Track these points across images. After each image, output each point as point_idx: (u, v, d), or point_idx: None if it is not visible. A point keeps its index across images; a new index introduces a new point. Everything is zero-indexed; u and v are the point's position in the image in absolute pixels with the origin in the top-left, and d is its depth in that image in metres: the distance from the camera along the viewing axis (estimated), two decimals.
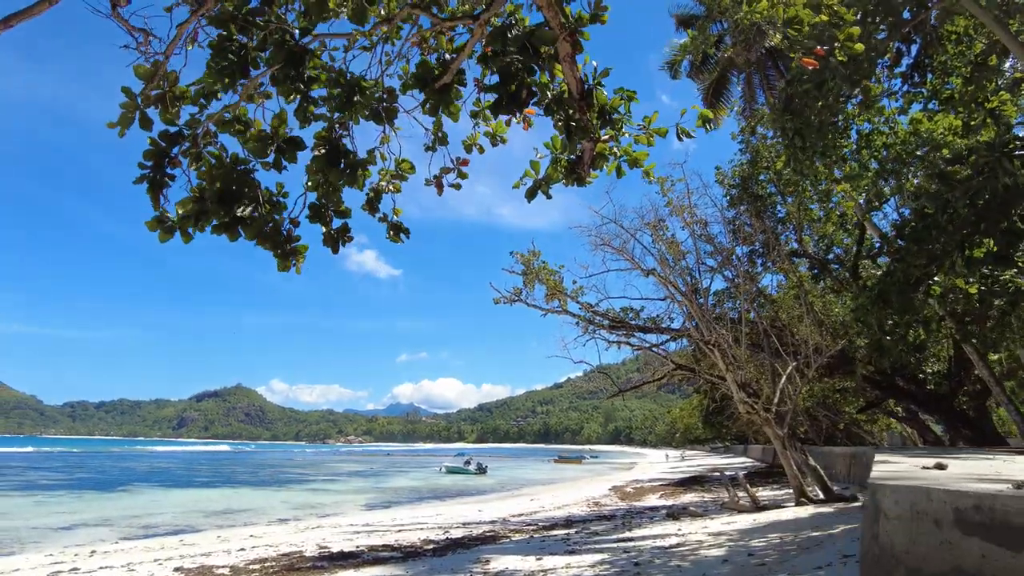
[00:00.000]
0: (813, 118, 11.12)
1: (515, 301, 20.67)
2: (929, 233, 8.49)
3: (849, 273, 21.95)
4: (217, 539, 17.08)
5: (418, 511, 25.16)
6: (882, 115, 14.55)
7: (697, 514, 16.57)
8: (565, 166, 5.60)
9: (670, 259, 19.37)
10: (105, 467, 65.56)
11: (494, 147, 5.96)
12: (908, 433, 32.18)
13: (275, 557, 12.62)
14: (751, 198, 20.10)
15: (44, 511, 25.41)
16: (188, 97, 4.83)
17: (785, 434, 17.57)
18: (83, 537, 18.65)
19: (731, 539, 10.80)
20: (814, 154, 11.24)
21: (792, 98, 10.61)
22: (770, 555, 8.59)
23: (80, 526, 21.22)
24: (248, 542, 15.68)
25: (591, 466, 77.80)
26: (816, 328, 18.61)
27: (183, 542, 16.49)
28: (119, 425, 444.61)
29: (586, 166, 5.48)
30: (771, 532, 11.13)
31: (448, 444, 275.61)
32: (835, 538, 9.26)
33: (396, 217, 5.92)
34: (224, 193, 5.18)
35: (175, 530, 20.21)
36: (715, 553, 9.43)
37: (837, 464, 24.56)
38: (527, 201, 6.29)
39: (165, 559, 13.01)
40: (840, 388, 26.86)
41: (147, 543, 16.59)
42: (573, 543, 12.11)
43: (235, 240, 5.34)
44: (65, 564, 13.05)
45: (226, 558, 12.97)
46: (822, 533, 10.08)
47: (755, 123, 21.01)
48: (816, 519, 12.62)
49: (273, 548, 14.22)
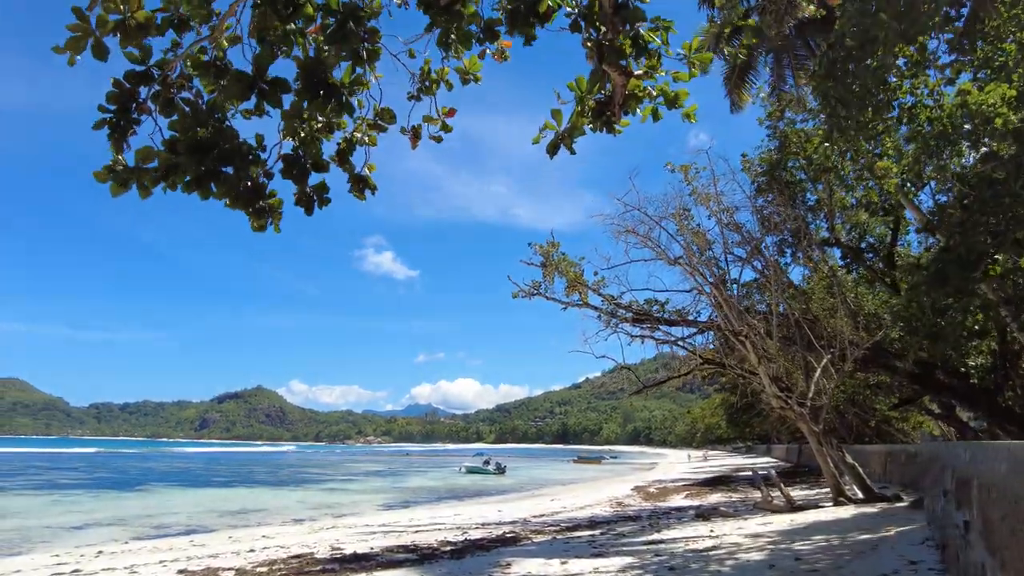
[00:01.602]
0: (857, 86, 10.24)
1: (534, 295, 19.89)
2: (999, 202, 7.57)
3: (884, 263, 20.90)
4: (228, 539, 16.54)
5: (436, 511, 24.50)
6: (927, 87, 13.57)
7: (728, 514, 15.70)
8: (592, 108, 4.83)
9: (696, 249, 18.51)
10: (127, 467, 65.88)
11: (464, 85, 5.18)
12: (944, 431, 30.86)
13: (284, 559, 11.99)
14: (780, 185, 19.13)
15: (58, 510, 25.16)
16: (154, 26, 4.14)
17: (820, 430, 16.62)
18: (94, 537, 18.23)
19: (771, 541, 9.95)
20: (857, 126, 10.36)
21: (835, 62, 9.73)
22: (820, 560, 7.75)
23: (93, 526, 20.85)
24: (259, 543, 15.10)
25: (611, 466, 76.76)
26: (851, 320, 17.62)
27: (193, 542, 15.96)
28: (142, 426, 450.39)
29: (617, 106, 4.71)
30: (814, 534, 10.26)
31: (467, 444, 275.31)
32: (891, 542, 8.38)
33: (368, 172, 5.18)
34: (198, 144, 4.52)
35: (187, 530, 19.74)
36: (756, 557, 8.60)
37: (871, 462, 23.50)
38: (549, 157, 5.54)
39: (171, 560, 12.44)
40: (874, 384, 25.69)
41: (157, 543, 16.09)
42: (599, 545, 11.33)
43: (207, 198, 4.68)
44: (68, 565, 12.54)
45: (234, 559, 12.37)
46: (874, 536, 9.20)
47: (784, 106, 20.04)
48: (860, 520, 11.71)
49: (284, 549, 13.61)
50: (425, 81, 5.26)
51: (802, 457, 46.19)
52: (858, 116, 10.62)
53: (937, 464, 7.41)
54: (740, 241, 19.63)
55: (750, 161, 20.70)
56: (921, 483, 16.28)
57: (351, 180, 5.16)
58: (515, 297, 20.04)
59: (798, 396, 16.81)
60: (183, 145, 4.53)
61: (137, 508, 26.17)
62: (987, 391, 20.45)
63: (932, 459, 7.97)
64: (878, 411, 30.56)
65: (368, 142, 5.33)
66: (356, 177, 5.13)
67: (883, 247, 21.13)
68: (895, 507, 13.44)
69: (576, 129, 5.45)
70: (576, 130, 5.45)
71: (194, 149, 4.61)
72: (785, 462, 51.18)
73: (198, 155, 4.62)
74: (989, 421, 22.54)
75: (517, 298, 20.02)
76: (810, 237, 20.15)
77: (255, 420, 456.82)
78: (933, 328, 9.49)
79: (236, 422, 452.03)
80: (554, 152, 5.50)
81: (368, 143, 5.34)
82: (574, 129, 5.45)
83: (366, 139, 5.29)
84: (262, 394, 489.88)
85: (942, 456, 6.86)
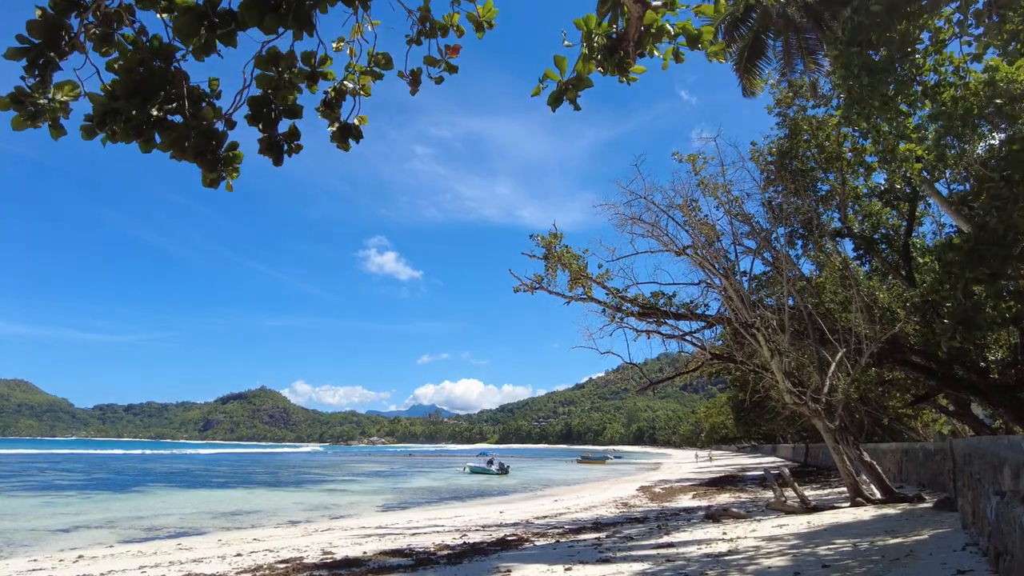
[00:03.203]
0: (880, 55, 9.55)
1: (536, 288, 19.21)
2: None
3: (898, 254, 20.17)
4: (218, 543, 15.87)
5: (436, 512, 23.82)
6: (951, 63, 12.84)
7: (740, 516, 14.98)
8: (603, 46, 4.14)
9: (703, 240, 17.80)
10: (127, 468, 65.32)
11: (479, 34, 4.51)
12: (958, 429, 30.05)
13: (271, 564, 11.32)
14: (791, 174, 18.41)
15: (48, 512, 24.50)
16: None
17: (836, 427, 15.91)
18: (80, 540, 17.56)
19: (791, 545, 9.24)
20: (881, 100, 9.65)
21: (860, 28, 9.04)
22: (851, 567, 7.04)
23: (81, 528, 20.18)
24: (248, 546, 14.43)
25: (615, 466, 75.97)
26: (865, 313, 16.89)
27: (180, 546, 15.30)
28: (147, 428, 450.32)
29: (631, 44, 4.02)
30: (837, 537, 9.55)
31: (471, 445, 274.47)
32: (927, 547, 7.66)
33: (358, 124, 4.50)
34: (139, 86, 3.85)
35: (177, 533, 19.06)
36: (779, 563, 7.89)
37: (886, 461, 22.77)
38: (551, 110, 4.87)
39: (152, 566, 11.77)
40: (888, 379, 24.93)
41: (142, 547, 15.41)
42: (605, 549, 10.63)
43: (149, 151, 4.02)
44: (43, 571, 11.89)
45: (218, 565, 11.70)
46: (905, 540, 8.48)
47: (795, 92, 19.33)
48: (884, 522, 11.00)
49: (273, 553, 12.94)
50: (426, 24, 4.59)
51: (809, 456, 45.45)
52: (882, 87, 9.92)
53: (980, 461, 6.69)
54: (750, 232, 18.94)
55: (760, 150, 19.99)
56: (943, 482, 15.56)
57: (337, 129, 4.48)
58: (516, 291, 19.36)
59: (812, 391, 16.10)
60: (122, 87, 3.87)
61: (129, 510, 25.49)
62: (1007, 386, 19.70)
63: (971, 456, 7.24)
64: (890, 408, 29.79)
65: (362, 92, 4.66)
66: (343, 126, 4.45)
67: (897, 238, 20.40)
68: (918, 508, 12.70)
69: (582, 80, 4.78)
70: (582, 81, 4.78)
71: (135, 92, 3.96)
72: (792, 461, 50.42)
73: (139, 99, 3.97)
74: (1008, 418, 21.78)
75: (519, 292, 19.36)
76: (822, 228, 19.45)
77: (259, 421, 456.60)
78: (965, 314, 8.75)
79: (240, 423, 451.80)
80: (556, 104, 4.83)
81: (362, 93, 4.66)
82: (580, 80, 4.78)
83: (360, 89, 4.62)
84: (266, 395, 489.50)
85: (988, 452, 6.14)
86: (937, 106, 13.19)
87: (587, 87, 4.82)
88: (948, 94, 13.12)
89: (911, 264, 19.49)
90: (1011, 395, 19.60)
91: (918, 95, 12.68)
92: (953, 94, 13.09)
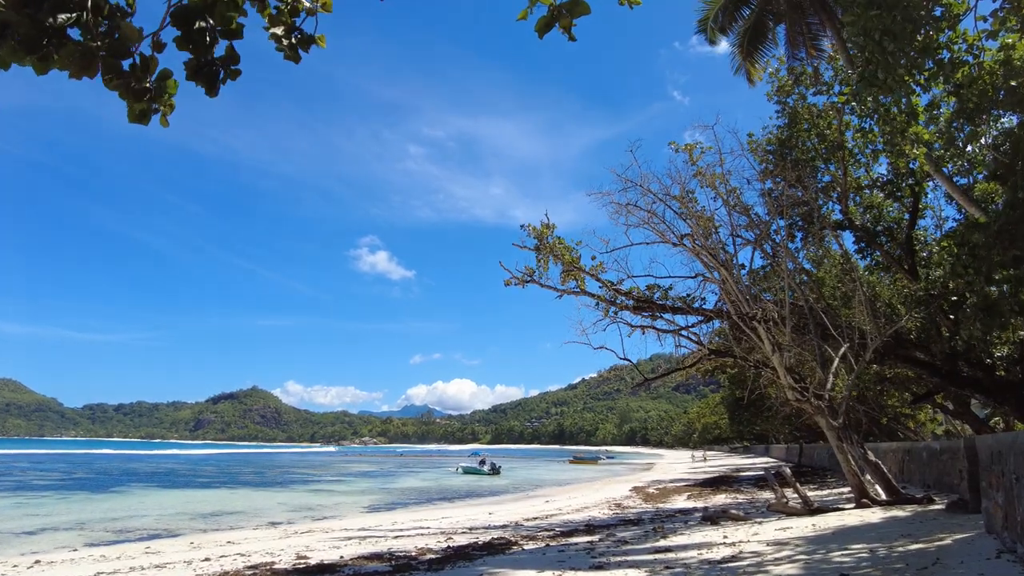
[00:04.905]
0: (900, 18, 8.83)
1: (527, 282, 18.46)
2: None
3: (901, 248, 19.50)
4: (189, 545, 15.02)
5: (423, 514, 23.01)
6: (965, 41, 12.16)
7: (740, 518, 14.27)
8: None
9: (701, 231, 17.08)
10: (110, 468, 64.08)
11: None
12: (958, 428, 29.49)
13: (238, 571, 10.49)
14: (790, 164, 17.73)
15: (19, 513, 23.52)
16: None
17: (840, 425, 15.22)
18: (45, 543, 16.67)
19: (801, 551, 8.50)
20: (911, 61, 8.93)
21: None
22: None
23: (49, 530, 19.25)
24: (220, 550, 13.59)
25: (608, 466, 75.29)
26: (868, 307, 16.23)
27: (148, 550, 14.42)
28: (137, 427, 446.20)
29: None
30: (849, 542, 8.82)
31: (463, 445, 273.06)
32: (954, 553, 6.93)
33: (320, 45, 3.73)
34: None
35: (149, 535, 18.16)
36: (789, 571, 7.15)
37: (887, 461, 22.11)
38: (538, 36, 4.15)
39: (109, 572, 10.93)
40: (887, 377, 24.29)
41: (107, 551, 14.53)
42: (599, 554, 9.86)
43: (45, 72, 3.29)
44: None
45: (182, 571, 10.87)
46: (927, 546, 7.75)
47: (796, 78, 18.65)
48: (896, 526, 10.28)
49: (244, 558, 12.12)
50: None
51: (803, 456, 44.87)
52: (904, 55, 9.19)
53: (1017, 458, 5.96)
54: (748, 224, 18.24)
55: (758, 142, 19.29)
56: (951, 482, 14.88)
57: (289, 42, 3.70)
58: (507, 285, 18.60)
59: (815, 388, 15.42)
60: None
61: (103, 511, 24.53)
62: (1013, 384, 19.08)
63: (1002, 453, 6.52)
64: (890, 407, 29.19)
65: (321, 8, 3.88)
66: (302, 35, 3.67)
67: (899, 231, 19.74)
68: (930, 510, 12.01)
69: (578, 4, 4.08)
70: (578, 5, 4.08)
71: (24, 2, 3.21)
72: (786, 462, 49.82)
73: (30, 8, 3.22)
74: (1013, 416, 21.20)
75: (509, 285, 18.61)
76: (822, 219, 18.77)
77: (250, 421, 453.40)
78: (987, 300, 8.05)
79: (231, 423, 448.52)
80: (545, 31, 4.12)
81: (321, 9, 3.89)
82: (576, 3, 4.07)
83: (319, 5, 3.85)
84: (257, 395, 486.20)
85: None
86: (951, 85, 12.50)
87: (584, 13, 4.12)
88: (962, 71, 12.42)
89: (914, 258, 18.85)
90: (1017, 392, 18.97)
91: (933, 71, 11.96)
92: (968, 72, 12.40)
